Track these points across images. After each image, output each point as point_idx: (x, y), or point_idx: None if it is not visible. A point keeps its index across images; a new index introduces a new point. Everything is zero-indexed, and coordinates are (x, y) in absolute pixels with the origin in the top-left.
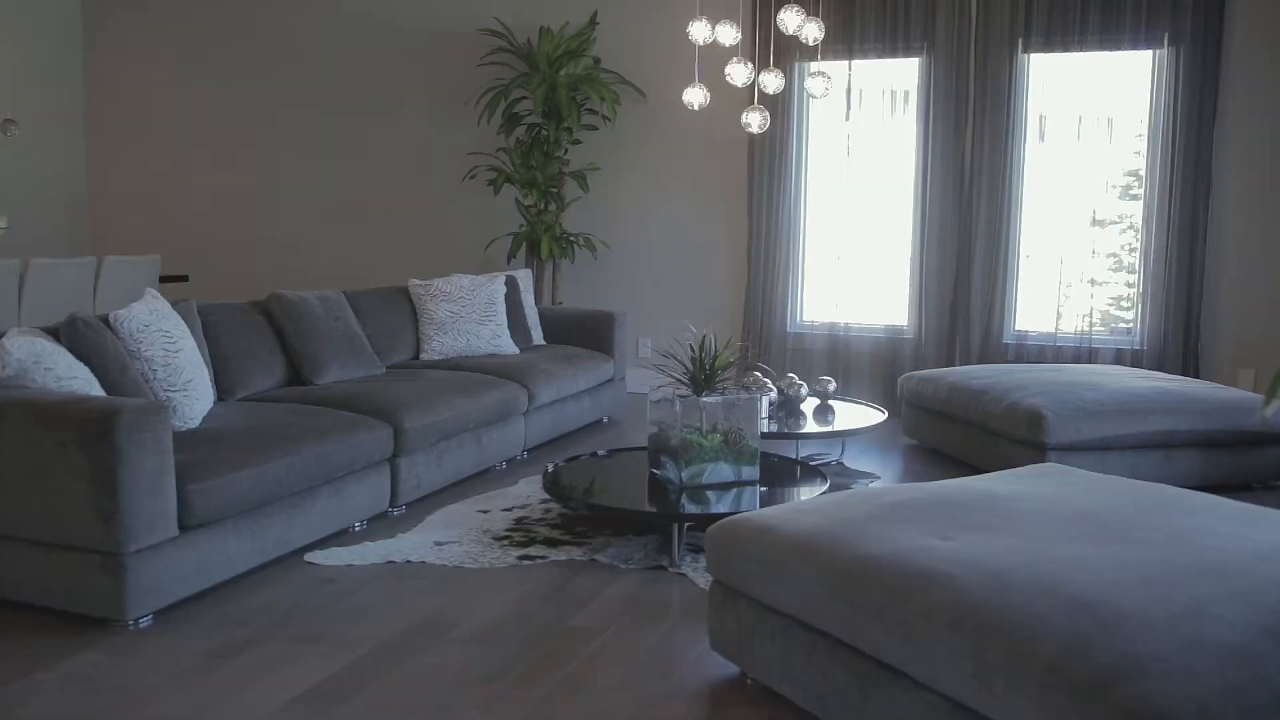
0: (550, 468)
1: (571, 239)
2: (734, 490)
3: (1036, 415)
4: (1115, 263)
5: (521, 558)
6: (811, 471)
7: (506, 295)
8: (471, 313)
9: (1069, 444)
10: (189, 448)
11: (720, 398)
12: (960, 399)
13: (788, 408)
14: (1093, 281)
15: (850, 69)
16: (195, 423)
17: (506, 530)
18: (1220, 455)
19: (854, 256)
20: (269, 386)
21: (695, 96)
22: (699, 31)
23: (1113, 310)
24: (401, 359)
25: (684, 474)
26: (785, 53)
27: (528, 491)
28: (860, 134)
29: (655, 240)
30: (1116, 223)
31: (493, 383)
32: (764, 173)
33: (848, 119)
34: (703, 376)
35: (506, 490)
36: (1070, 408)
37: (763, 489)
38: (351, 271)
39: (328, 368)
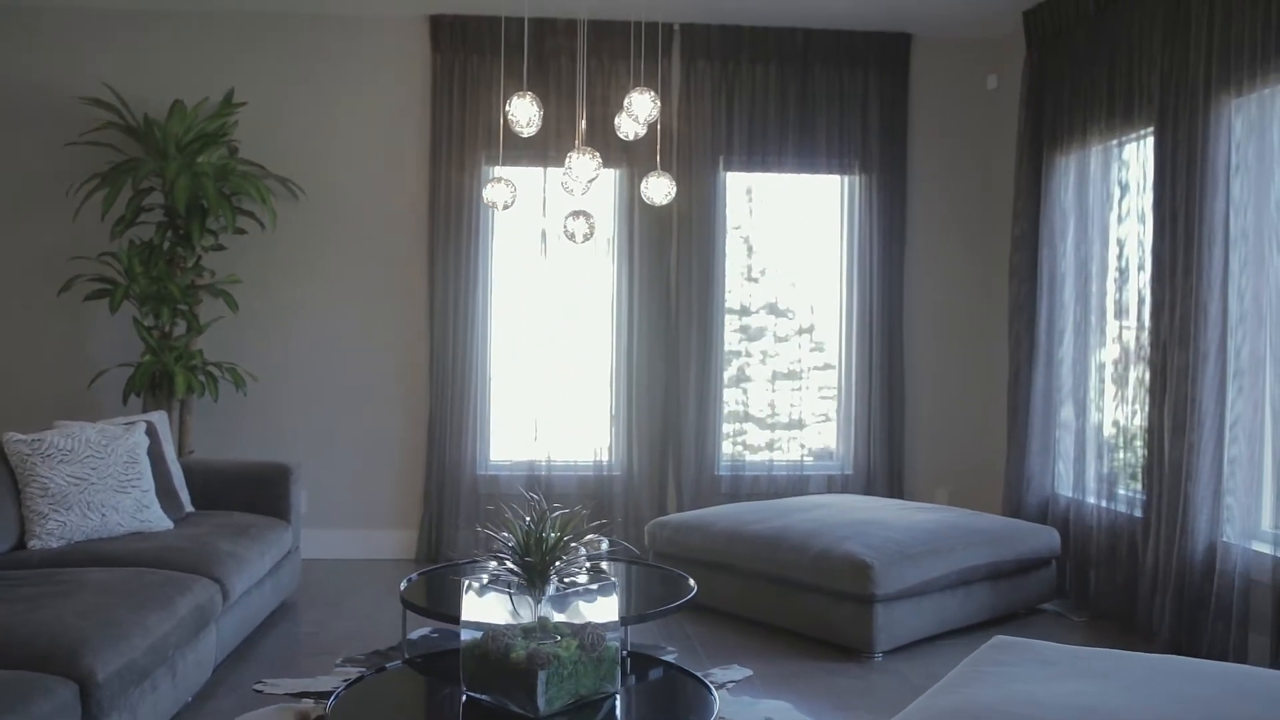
0: (330, 705)
1: (211, 370)
2: (599, 713)
3: (860, 565)
4: (821, 385)
5: None
6: (657, 665)
7: (149, 449)
8: (106, 477)
9: (895, 593)
10: None
11: (576, 589)
12: (744, 549)
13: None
14: (804, 398)
15: (545, 176)
16: None
17: None
18: (1002, 586)
19: (554, 386)
20: None
21: (499, 195)
22: (522, 110)
23: (818, 435)
24: (0, 550)
25: (542, 700)
26: (471, 153)
27: None
28: (555, 249)
29: (309, 369)
30: (820, 349)
31: (175, 581)
32: (447, 290)
33: (545, 246)
34: (541, 561)
35: None
36: (889, 554)
37: (627, 698)
38: None
39: None
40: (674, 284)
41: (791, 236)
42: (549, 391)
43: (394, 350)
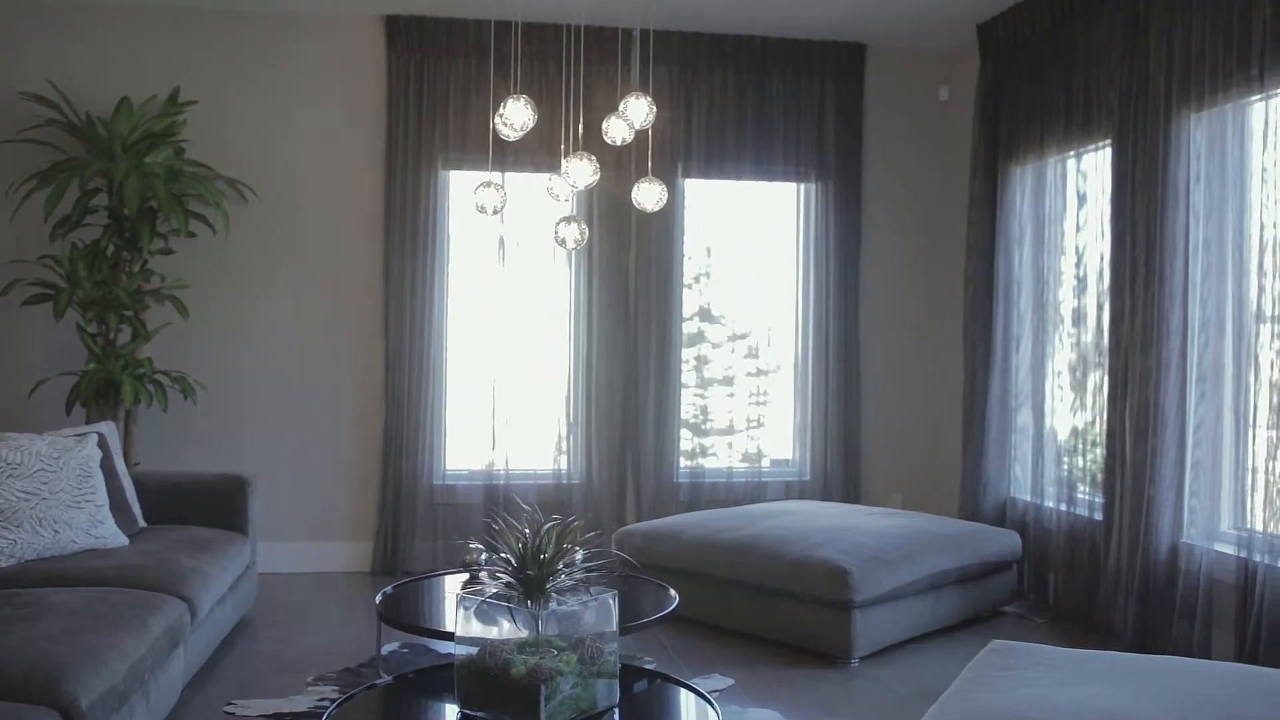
0: None
1: (160, 378)
2: None
3: (839, 571)
4: (776, 391)
5: None
6: (649, 677)
7: (101, 462)
8: (59, 491)
9: (873, 599)
10: None
11: (578, 603)
12: (719, 557)
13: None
14: (760, 404)
15: (504, 181)
16: None
17: None
18: (969, 589)
19: (512, 394)
20: None
21: (490, 199)
22: (516, 114)
23: (773, 441)
24: None
25: (544, 717)
26: (428, 156)
27: None
28: (514, 255)
29: (260, 377)
30: (776, 355)
31: (143, 601)
32: (403, 295)
33: (502, 251)
34: (540, 575)
35: None
36: (866, 559)
37: (626, 712)
38: None
39: None
40: (633, 291)
41: (749, 243)
42: (507, 400)
43: (347, 358)
